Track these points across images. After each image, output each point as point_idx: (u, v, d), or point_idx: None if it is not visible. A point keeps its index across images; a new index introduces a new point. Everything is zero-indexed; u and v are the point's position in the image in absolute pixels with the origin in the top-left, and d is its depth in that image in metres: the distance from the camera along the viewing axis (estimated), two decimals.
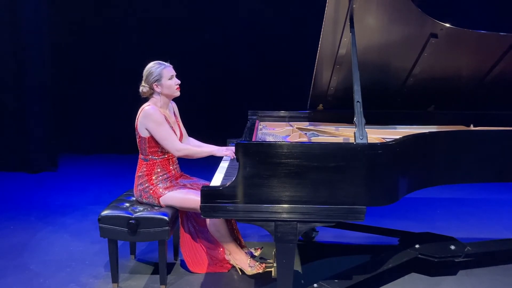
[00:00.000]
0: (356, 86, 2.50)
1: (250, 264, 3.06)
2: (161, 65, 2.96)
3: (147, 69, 2.98)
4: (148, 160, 3.00)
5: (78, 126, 6.82)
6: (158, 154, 2.99)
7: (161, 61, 2.99)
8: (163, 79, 2.94)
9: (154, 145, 2.95)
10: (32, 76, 5.79)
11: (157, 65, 2.96)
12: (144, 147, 2.98)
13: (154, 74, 2.94)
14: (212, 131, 3.83)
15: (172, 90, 2.98)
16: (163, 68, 2.95)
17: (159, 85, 2.95)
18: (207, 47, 6.54)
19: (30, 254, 3.47)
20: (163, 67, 2.96)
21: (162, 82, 2.95)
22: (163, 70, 2.95)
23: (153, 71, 2.94)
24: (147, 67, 2.99)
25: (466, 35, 2.98)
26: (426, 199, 4.78)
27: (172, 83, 2.97)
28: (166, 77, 2.95)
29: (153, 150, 2.97)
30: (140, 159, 3.04)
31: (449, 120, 3.49)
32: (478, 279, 3.11)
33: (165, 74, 2.95)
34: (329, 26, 2.78)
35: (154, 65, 2.97)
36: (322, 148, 2.33)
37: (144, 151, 2.99)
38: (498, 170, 2.92)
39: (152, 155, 2.99)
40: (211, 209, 2.35)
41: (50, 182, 5.46)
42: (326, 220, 2.36)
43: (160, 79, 2.94)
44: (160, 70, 2.94)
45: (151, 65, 2.98)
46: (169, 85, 2.96)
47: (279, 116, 3.59)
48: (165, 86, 2.96)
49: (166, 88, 2.96)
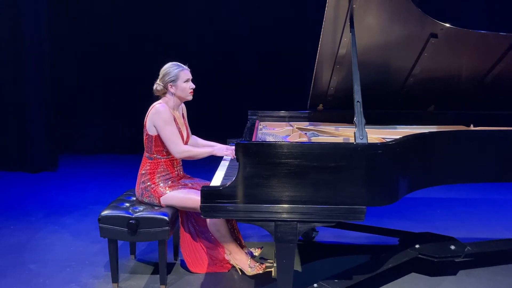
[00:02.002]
0: (356, 86, 2.51)
1: (250, 264, 3.06)
2: (179, 67, 2.98)
3: (165, 69, 2.99)
4: (153, 159, 3.01)
5: (78, 126, 6.82)
6: (163, 154, 3.00)
7: (179, 63, 3.01)
8: (178, 81, 2.96)
9: (160, 145, 2.96)
10: (32, 75, 5.79)
11: (175, 66, 2.98)
12: (150, 145, 2.99)
13: (171, 75, 2.95)
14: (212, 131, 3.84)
15: (185, 93, 3.00)
16: (181, 70, 2.97)
17: (173, 86, 2.96)
18: (207, 47, 6.53)
19: (30, 254, 3.46)
20: (181, 69, 2.98)
21: (177, 84, 2.96)
22: (180, 72, 2.96)
23: (170, 72, 2.96)
24: (165, 66, 3.00)
25: (466, 35, 2.99)
26: (426, 199, 4.78)
27: (187, 87, 2.99)
28: (182, 80, 2.97)
29: (159, 150, 2.98)
30: (144, 157, 3.05)
31: (449, 120, 3.49)
32: (478, 279, 3.11)
33: (182, 77, 2.96)
34: (329, 26, 2.78)
35: (173, 66, 2.98)
36: (322, 148, 2.33)
37: (149, 150, 3.01)
38: (498, 170, 2.92)
39: (157, 154, 3.00)
40: (211, 209, 2.35)
41: (50, 182, 5.46)
42: (326, 220, 2.36)
43: (176, 80, 2.95)
44: (177, 71, 2.96)
45: (170, 65, 2.99)
46: (183, 87, 2.98)
47: (279, 116, 3.59)
48: (180, 88, 2.97)
49: (180, 90, 2.98)
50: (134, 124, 6.70)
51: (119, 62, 6.59)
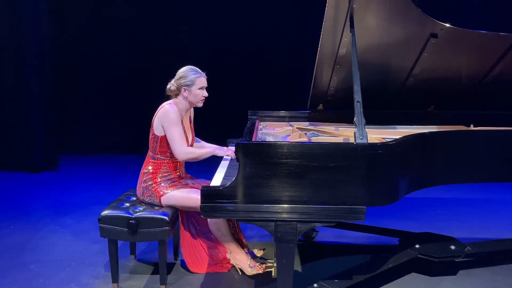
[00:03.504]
0: (356, 86, 2.51)
1: (250, 264, 3.06)
2: (197, 73, 2.99)
3: (183, 71, 3.00)
4: (156, 159, 3.02)
5: (78, 126, 6.81)
6: (167, 155, 3.01)
7: (198, 69, 3.02)
8: (193, 87, 2.97)
9: (165, 146, 2.97)
10: (32, 75, 5.79)
11: (193, 72, 2.99)
12: (155, 145, 3.00)
13: (188, 79, 2.96)
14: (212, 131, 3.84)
15: (197, 100, 3.01)
16: (198, 77, 2.98)
17: (187, 90, 2.98)
18: (206, 47, 6.53)
19: (30, 254, 3.46)
20: (198, 75, 2.99)
21: (191, 89, 2.97)
22: (197, 79, 2.98)
23: (187, 76, 2.97)
24: (183, 69, 3.01)
25: (466, 35, 2.98)
26: (426, 199, 4.78)
27: (200, 94, 3.00)
28: (197, 86, 2.98)
29: (163, 151, 2.99)
30: (148, 156, 3.06)
31: (449, 120, 3.50)
32: (478, 279, 3.11)
33: (197, 83, 2.98)
34: (329, 26, 2.78)
35: (191, 70, 3.00)
36: (322, 148, 2.33)
37: (154, 149, 3.01)
38: (498, 170, 2.92)
39: (160, 155, 3.00)
40: (211, 209, 2.35)
41: (50, 182, 5.46)
42: (326, 220, 2.37)
43: (191, 85, 2.97)
44: (194, 77, 2.97)
45: (188, 69, 3.00)
46: (196, 94, 2.99)
47: (279, 116, 3.59)
48: (193, 93, 2.99)
49: (193, 96, 2.99)
50: (134, 124, 6.76)
51: (119, 62, 6.59)
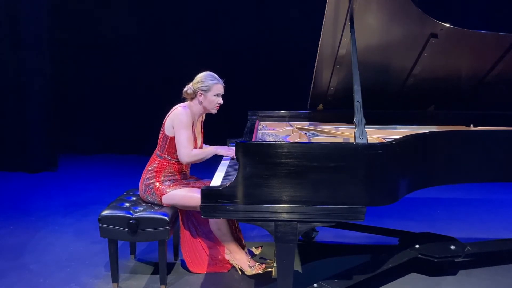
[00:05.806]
0: (356, 86, 2.51)
1: (250, 264, 3.06)
2: (215, 80, 3.01)
3: (201, 76, 3.01)
4: (163, 158, 3.03)
5: (78, 126, 6.82)
6: (174, 156, 3.02)
7: (217, 76, 3.04)
8: (209, 92, 2.99)
9: (173, 147, 2.99)
10: (32, 75, 5.79)
11: (211, 78, 3.00)
12: (163, 145, 3.01)
13: (205, 84, 2.98)
14: (212, 131, 3.84)
15: (211, 106, 3.03)
16: (215, 84, 3.00)
17: (203, 95, 2.99)
18: (206, 47, 6.53)
19: (30, 254, 3.46)
20: (215, 82, 3.00)
21: (207, 95, 2.99)
22: (214, 85, 2.99)
23: (205, 81, 2.99)
24: (202, 74, 3.03)
25: (466, 35, 2.99)
26: (426, 199, 4.78)
27: (215, 100, 3.02)
28: (214, 92, 3.00)
29: (171, 151, 3.01)
30: (155, 154, 3.08)
31: (449, 120, 3.50)
32: (478, 279, 3.11)
33: (214, 90, 2.99)
34: (329, 26, 2.79)
35: (209, 76, 3.01)
36: (322, 148, 2.33)
37: (162, 149, 3.03)
38: (498, 170, 2.92)
39: (168, 155, 3.02)
40: (211, 209, 2.35)
41: (50, 182, 5.46)
42: (326, 220, 2.37)
43: (207, 91, 2.98)
44: (212, 83, 2.99)
45: (207, 75, 3.02)
46: (211, 100, 3.01)
47: (279, 116, 3.60)
48: (209, 99, 3.00)
49: (208, 102, 3.01)
50: (134, 124, 6.77)
51: (119, 62, 6.59)
